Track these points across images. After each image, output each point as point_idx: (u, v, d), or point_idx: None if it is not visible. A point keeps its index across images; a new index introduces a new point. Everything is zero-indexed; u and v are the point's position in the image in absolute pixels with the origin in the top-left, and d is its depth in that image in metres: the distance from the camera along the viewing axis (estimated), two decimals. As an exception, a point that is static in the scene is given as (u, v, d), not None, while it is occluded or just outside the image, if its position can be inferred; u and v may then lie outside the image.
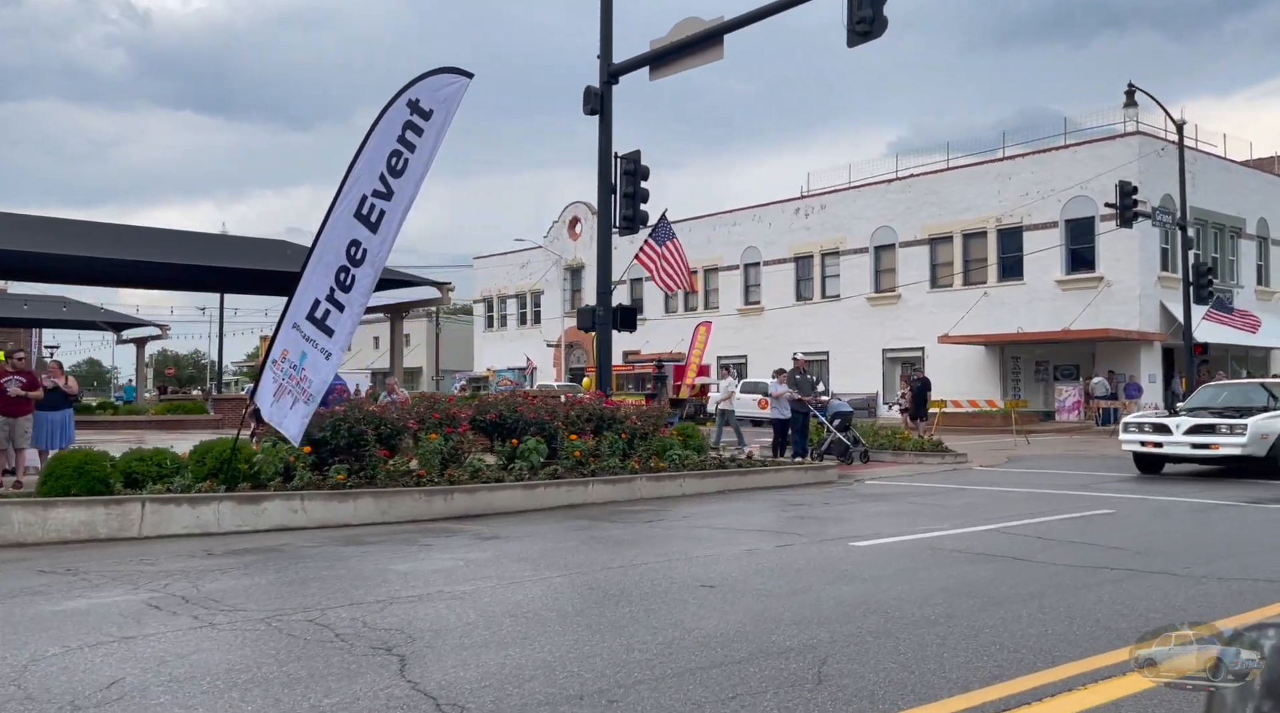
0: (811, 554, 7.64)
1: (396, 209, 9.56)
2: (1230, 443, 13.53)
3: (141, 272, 21.27)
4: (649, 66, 16.08)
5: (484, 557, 7.53)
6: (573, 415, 13.34)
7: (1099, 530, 8.98)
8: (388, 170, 9.51)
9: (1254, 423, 13.58)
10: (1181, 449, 14.20)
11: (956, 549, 7.79)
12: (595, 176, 16.19)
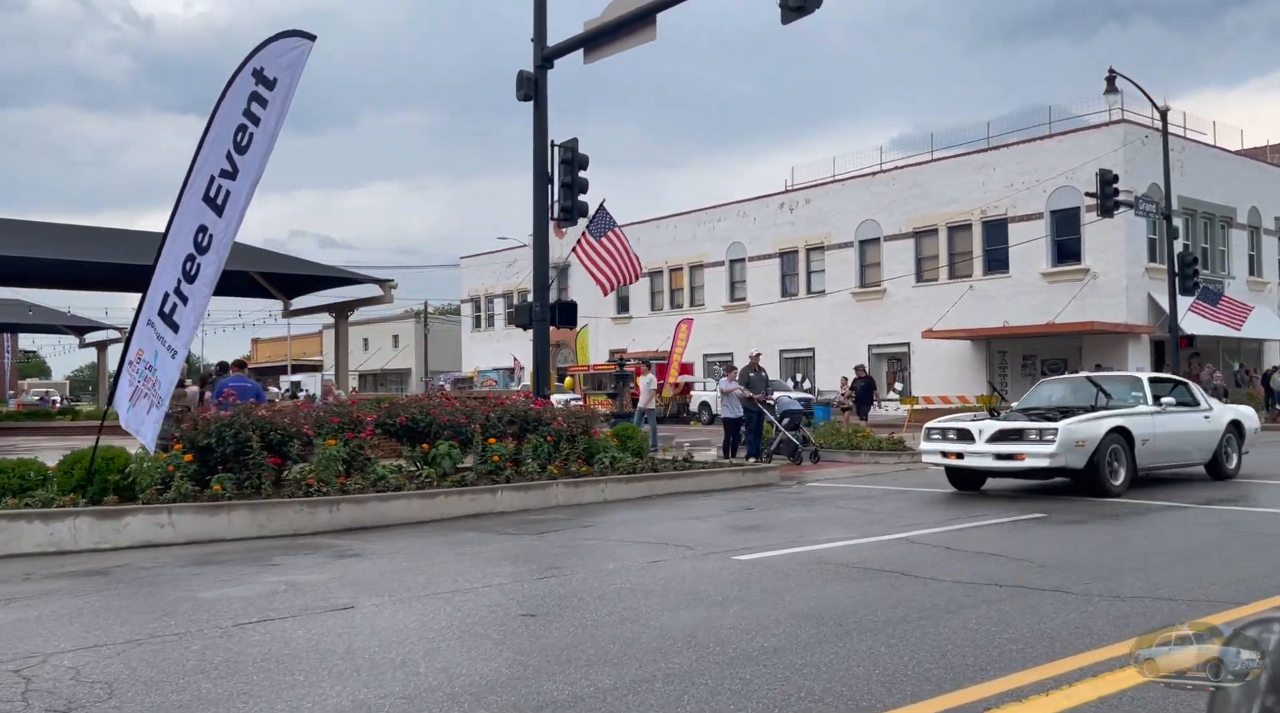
0: (682, 571, 6.93)
1: (242, 190, 8.86)
2: (1037, 452, 10.61)
3: (86, 272, 20.55)
4: (583, 49, 15.38)
5: (319, 579, 6.82)
6: (493, 418, 12.62)
7: (1016, 539, 8.26)
8: (234, 147, 8.81)
9: (1066, 427, 10.66)
10: (984, 461, 11.25)
11: (845, 563, 7.07)
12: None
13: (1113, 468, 11.04)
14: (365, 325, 70.85)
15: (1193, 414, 12.43)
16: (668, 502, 11.71)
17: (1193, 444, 12.35)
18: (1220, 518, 9.36)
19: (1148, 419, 11.59)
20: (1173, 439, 11.90)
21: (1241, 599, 5.72)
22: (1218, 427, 12.67)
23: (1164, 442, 11.73)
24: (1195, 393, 12.87)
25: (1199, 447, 12.45)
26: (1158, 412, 11.77)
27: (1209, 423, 12.58)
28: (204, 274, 8.95)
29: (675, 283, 48.68)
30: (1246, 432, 13.21)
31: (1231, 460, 12.91)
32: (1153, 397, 12.01)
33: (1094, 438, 10.84)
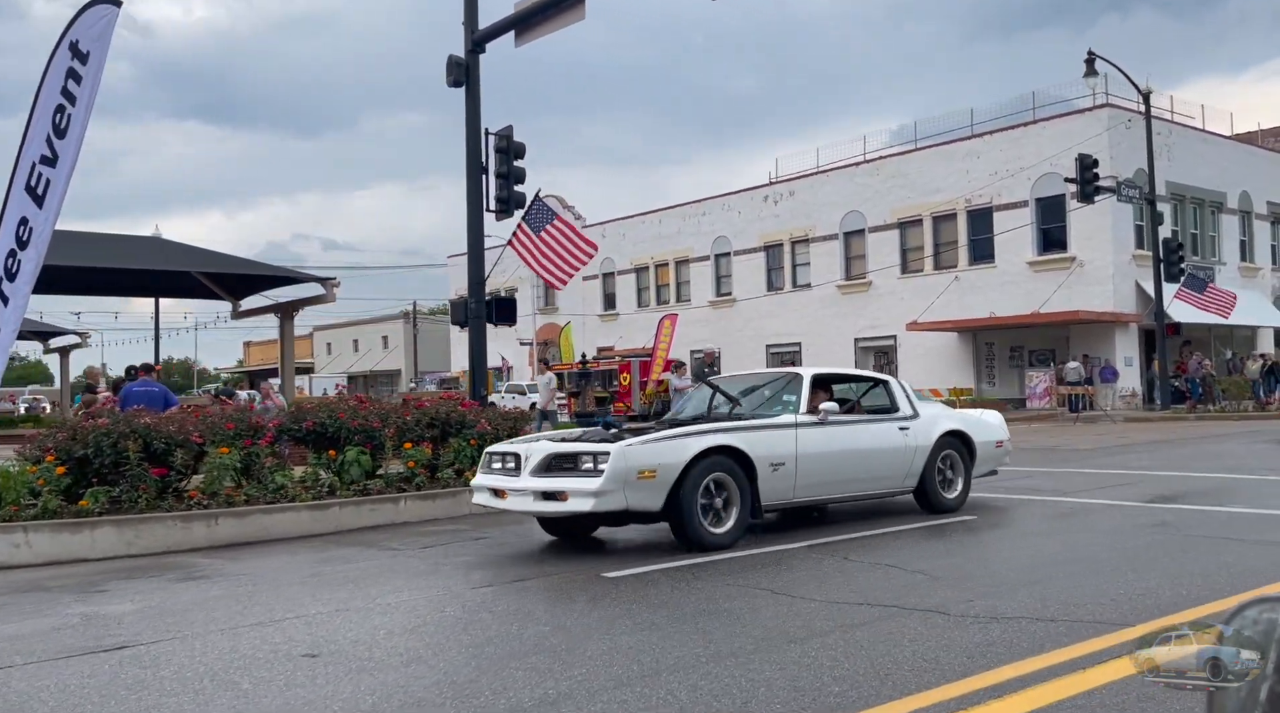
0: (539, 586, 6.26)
1: (60, 177, 8.24)
2: (581, 489, 7.18)
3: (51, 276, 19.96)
4: (514, 31, 14.72)
5: (126, 610, 6.18)
6: (410, 421, 11.96)
7: (926, 546, 7.59)
8: (53, 131, 8.21)
9: (623, 451, 7.20)
10: (526, 502, 7.68)
11: (723, 581, 6.42)
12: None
13: (713, 508, 7.55)
14: (355, 327, 70.41)
15: (878, 426, 9.10)
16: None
17: (879, 466, 8.90)
18: (1159, 518, 8.66)
19: (786, 435, 8.17)
20: (838, 461, 8.51)
21: (1129, 620, 5.04)
22: (922, 442, 9.18)
23: (822, 465, 8.34)
24: (895, 397, 9.46)
25: (890, 469, 8.99)
26: (811, 424, 8.34)
27: (907, 437, 9.12)
28: (24, 271, 8.32)
29: (661, 278, 47.99)
30: (978, 447, 9.68)
31: (954, 486, 9.46)
32: (808, 403, 8.59)
33: (674, 465, 7.30)
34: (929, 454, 9.22)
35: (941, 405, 11.12)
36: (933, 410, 9.88)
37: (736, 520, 7.68)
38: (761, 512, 7.90)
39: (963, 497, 9.56)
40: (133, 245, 19.22)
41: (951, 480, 9.51)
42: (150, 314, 62.58)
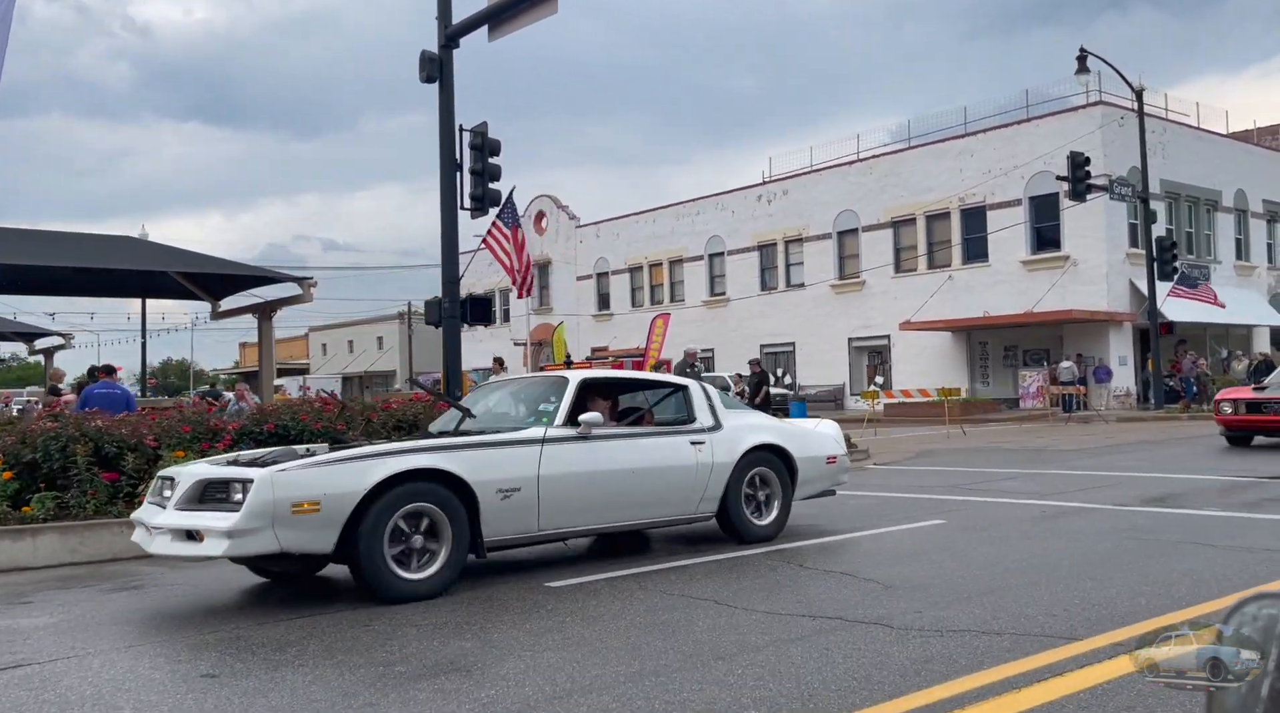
0: (480, 595, 6.00)
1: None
2: (216, 528, 5.69)
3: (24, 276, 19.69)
4: (487, 25, 14.48)
5: (39, 624, 5.92)
6: (375, 423, 11.72)
7: (888, 553, 7.33)
8: None
9: (267, 480, 5.71)
10: (166, 543, 5.98)
11: (665, 591, 6.19)
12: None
13: (411, 549, 6.10)
14: (350, 327, 70.18)
15: (663, 440, 7.58)
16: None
17: (661, 487, 7.40)
18: (1132, 522, 8.41)
19: (526, 453, 6.67)
20: (603, 483, 7.05)
21: (1078, 633, 4.79)
22: (722, 459, 7.73)
23: (577, 489, 6.91)
24: (692, 406, 7.93)
25: (677, 490, 7.50)
26: (567, 439, 6.90)
27: (701, 453, 7.63)
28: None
29: (655, 278, 47.74)
30: (800, 464, 8.27)
31: (766, 511, 8.06)
32: (568, 414, 7.04)
33: (348, 495, 5.85)
34: (731, 473, 7.75)
35: (762, 417, 8.97)
36: (745, 421, 8.29)
37: (445, 562, 6.14)
38: (484, 549, 6.41)
39: (779, 523, 8.08)
40: (108, 245, 18.97)
41: (764, 504, 8.07)
42: (125, 314, 62.25)
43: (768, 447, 8.15)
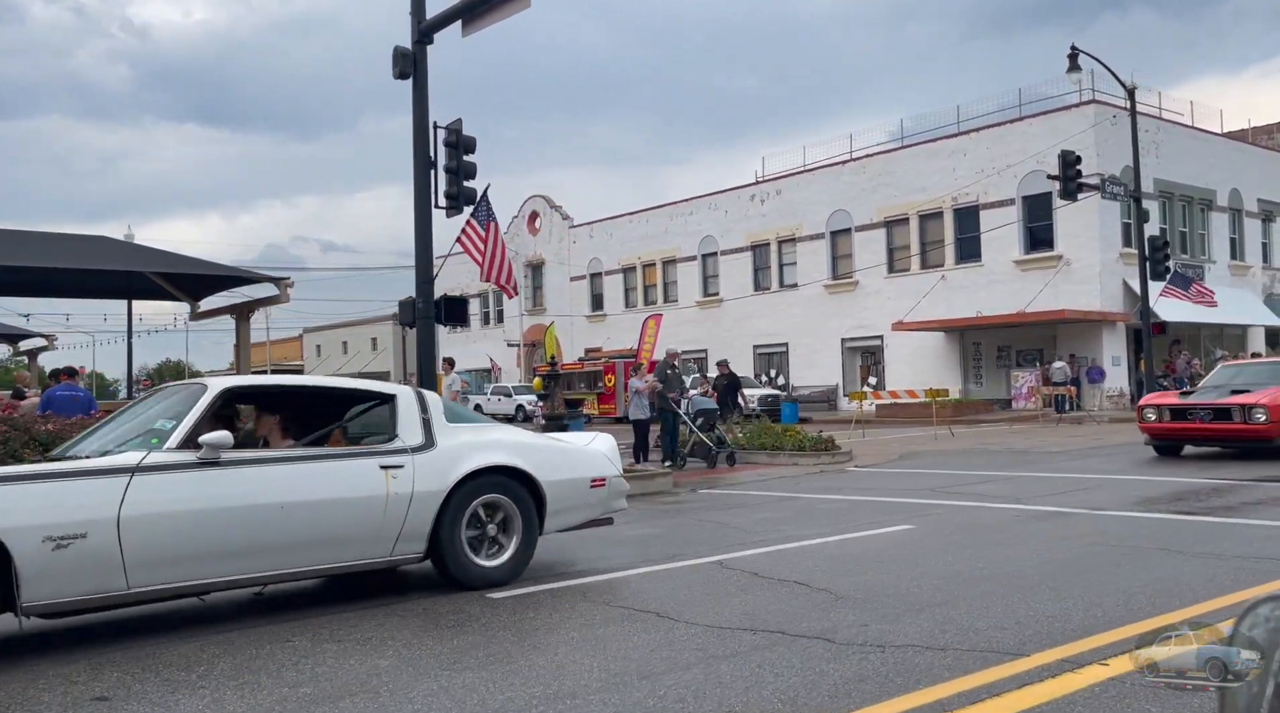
0: (421, 606, 5.77)
1: None
2: None
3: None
4: (461, 20, 14.24)
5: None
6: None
7: (846, 560, 7.08)
8: None
9: None
10: None
11: (607, 602, 5.96)
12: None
13: None
14: (344, 328, 69.96)
15: (339, 465, 6.07)
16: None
17: (328, 525, 5.88)
18: (1103, 527, 8.17)
19: (102, 488, 5.22)
20: (228, 524, 5.57)
21: (1025, 649, 4.55)
22: (429, 485, 6.23)
23: (186, 532, 5.43)
24: (398, 419, 6.40)
25: (355, 528, 6.00)
26: (177, 466, 5.48)
27: (397, 480, 6.12)
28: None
29: (648, 279, 47.50)
30: (550, 488, 6.77)
31: (499, 549, 6.60)
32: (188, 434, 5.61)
33: None
34: (442, 503, 6.27)
35: (504, 433, 7.23)
36: (474, 438, 6.71)
37: None
38: (27, 611, 4.94)
39: (517, 562, 6.63)
40: (85, 246, 18.74)
41: (497, 539, 6.61)
42: (103, 315, 61.99)
43: (503, 469, 6.62)
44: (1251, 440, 13.44)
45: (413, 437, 6.37)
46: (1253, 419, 13.21)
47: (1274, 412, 13.09)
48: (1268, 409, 13.13)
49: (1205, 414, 13.82)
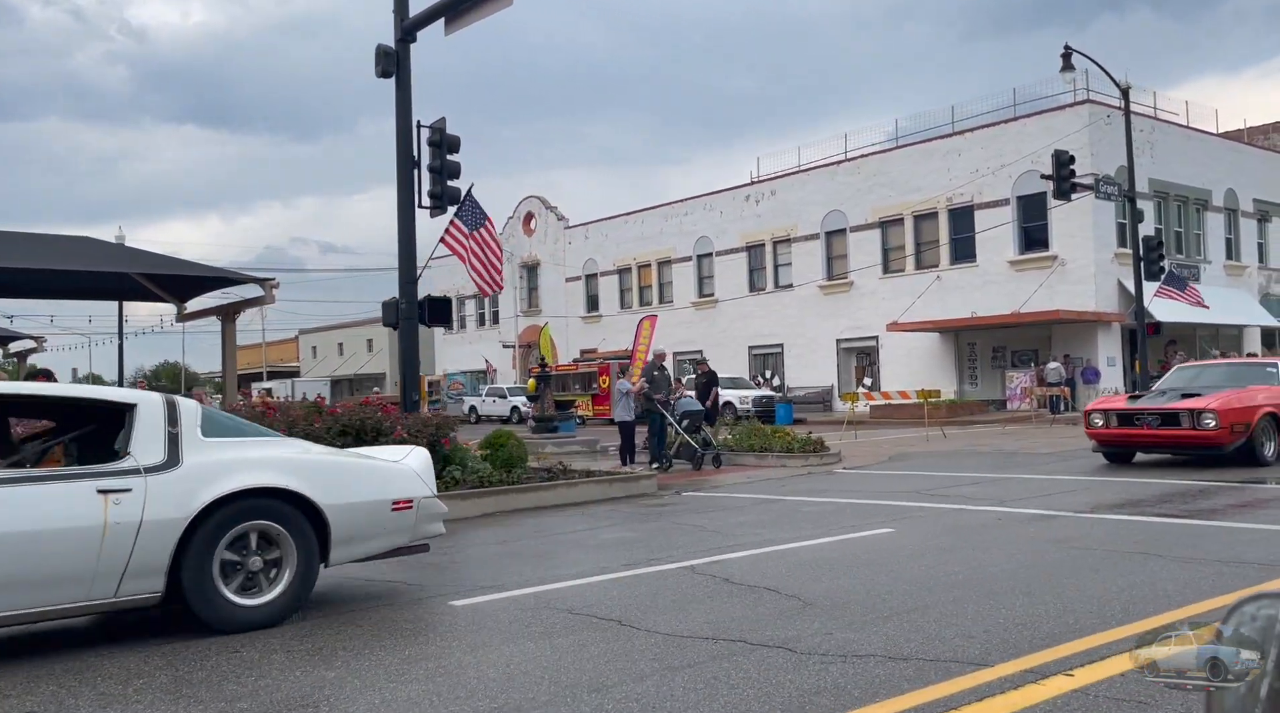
0: (374, 618, 5.62)
1: None
2: None
3: None
4: (444, 19, 14.13)
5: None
6: (318, 429, 11.35)
7: (820, 565, 6.94)
8: None
9: None
10: None
11: (572, 609, 5.79)
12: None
13: None
14: (340, 330, 69.81)
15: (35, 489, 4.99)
16: (498, 522, 10.41)
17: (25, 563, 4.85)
18: (1085, 530, 8.02)
19: None
20: None
21: (989, 659, 4.42)
22: (160, 514, 5.19)
23: None
24: (134, 434, 5.36)
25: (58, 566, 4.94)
26: None
27: (114, 507, 5.08)
28: None
29: (644, 280, 47.36)
30: (334, 513, 5.79)
31: (262, 585, 5.63)
32: None
33: None
34: (185, 533, 5.25)
35: (284, 446, 6.17)
36: (234, 455, 5.63)
37: None
38: None
39: (289, 599, 5.63)
40: (67, 247, 18.57)
41: (264, 574, 5.60)
42: (87, 316, 61.86)
43: (272, 491, 5.58)
44: (1201, 447, 12.75)
45: (150, 454, 5.31)
46: (1201, 425, 12.47)
47: (1224, 417, 12.33)
48: (1217, 414, 12.35)
49: (1153, 420, 12.97)
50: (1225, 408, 12.41)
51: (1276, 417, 12.85)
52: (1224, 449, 12.50)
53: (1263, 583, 5.84)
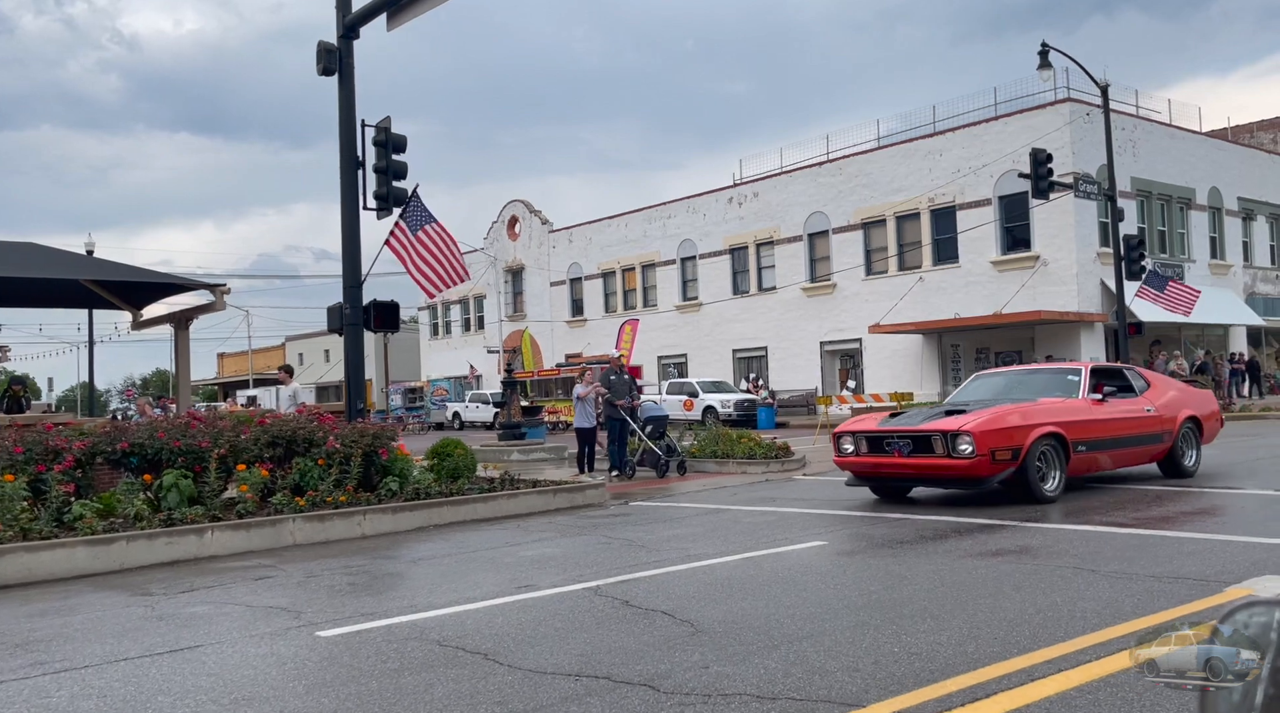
0: (227, 656, 5.19)
1: None
2: None
3: None
4: (386, 14, 13.72)
5: None
6: (246, 440, 10.91)
7: (731, 584, 6.50)
8: None
9: None
10: None
11: (441, 641, 5.35)
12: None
13: None
14: (326, 337, 69.28)
15: None
16: (426, 537, 9.97)
17: None
18: (1022, 542, 7.59)
19: None
20: None
21: (866, 698, 3.98)
22: None
23: None
24: None
25: None
26: None
27: None
28: None
29: (628, 283, 46.93)
30: None
31: None
32: None
33: None
34: None
35: None
36: None
37: None
38: None
39: None
40: (16, 253, 18.12)
41: None
42: (38, 326, 61.55)
43: None
44: (956, 480, 9.96)
45: None
46: (957, 452, 9.50)
47: (984, 441, 9.38)
48: (974, 438, 9.37)
49: (904, 444, 10.00)
50: (985, 429, 9.46)
51: (1061, 439, 9.99)
52: (985, 482, 9.73)
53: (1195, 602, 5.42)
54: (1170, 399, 11.99)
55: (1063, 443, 10.06)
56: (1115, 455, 11.05)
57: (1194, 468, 12.01)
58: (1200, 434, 12.23)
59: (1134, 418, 11.23)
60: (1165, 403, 11.79)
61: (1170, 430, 11.59)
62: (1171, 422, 11.67)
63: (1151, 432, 11.38)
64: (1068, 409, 10.46)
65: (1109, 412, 10.87)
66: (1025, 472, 9.68)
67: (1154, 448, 11.50)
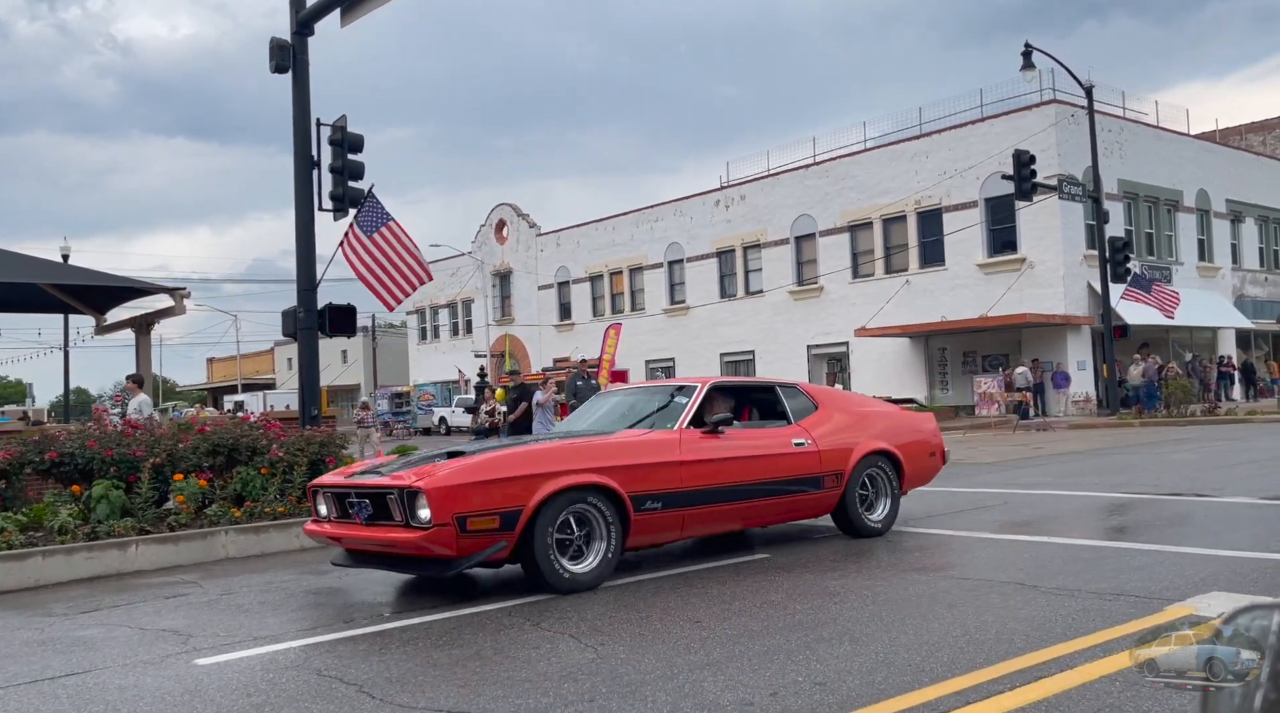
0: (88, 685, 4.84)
1: None
2: None
3: None
4: (339, 10, 13.39)
5: None
6: (184, 449, 10.56)
7: (659, 603, 6.15)
8: None
9: None
10: None
11: (320, 670, 5.01)
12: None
13: None
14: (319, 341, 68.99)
15: None
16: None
17: None
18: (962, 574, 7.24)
19: None
20: None
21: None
22: None
23: None
24: None
25: None
26: None
27: None
28: None
29: (616, 287, 46.60)
30: None
31: None
32: None
33: None
34: None
35: None
36: None
37: None
38: None
39: None
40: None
41: None
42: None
43: None
44: (413, 558, 6.54)
45: None
46: (415, 519, 6.24)
47: (447, 503, 6.15)
48: (430, 498, 6.14)
49: (364, 507, 6.67)
50: (447, 485, 6.24)
51: (610, 494, 6.79)
52: (455, 564, 6.36)
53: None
54: (842, 426, 8.56)
55: (614, 500, 6.79)
56: (727, 512, 7.61)
57: (882, 524, 8.54)
58: (899, 475, 8.75)
59: (770, 455, 7.87)
60: (832, 432, 8.41)
61: (839, 472, 8.23)
62: (842, 459, 8.28)
63: (805, 475, 8.03)
64: (642, 447, 7.26)
65: (721, 449, 7.55)
66: (530, 546, 6.44)
67: (809, 496, 8.13)
